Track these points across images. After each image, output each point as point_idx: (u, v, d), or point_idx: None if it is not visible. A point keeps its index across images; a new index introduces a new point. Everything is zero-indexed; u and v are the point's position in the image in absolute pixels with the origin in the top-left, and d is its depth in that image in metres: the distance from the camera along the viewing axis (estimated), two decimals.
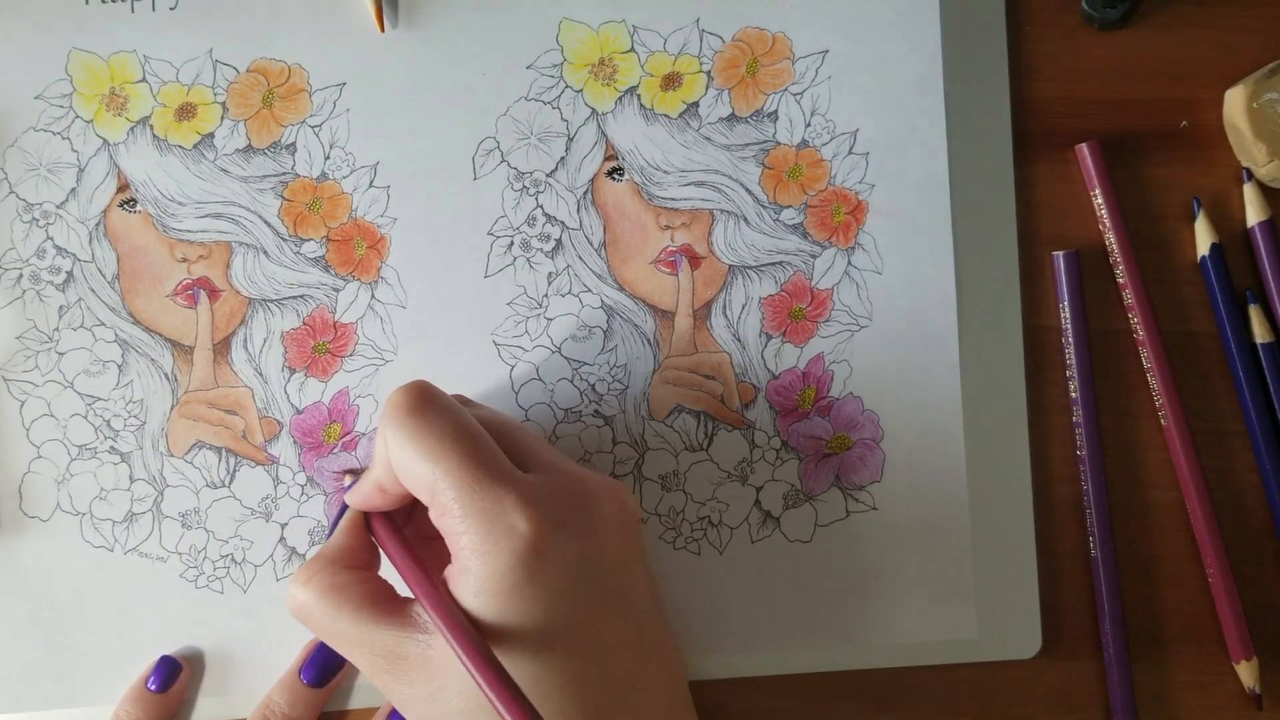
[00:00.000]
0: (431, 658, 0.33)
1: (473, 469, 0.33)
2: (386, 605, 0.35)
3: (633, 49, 0.43)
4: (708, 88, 0.43)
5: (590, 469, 0.38)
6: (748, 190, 0.43)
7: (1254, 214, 0.42)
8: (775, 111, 0.43)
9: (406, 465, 0.34)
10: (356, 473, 0.41)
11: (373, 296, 0.42)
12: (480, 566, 0.32)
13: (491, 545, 0.32)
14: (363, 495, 0.37)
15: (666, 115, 0.43)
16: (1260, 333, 0.42)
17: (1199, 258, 0.43)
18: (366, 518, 0.37)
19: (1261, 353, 0.42)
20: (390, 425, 0.34)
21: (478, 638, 0.32)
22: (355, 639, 0.34)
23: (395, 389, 0.35)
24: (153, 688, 0.40)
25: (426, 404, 0.34)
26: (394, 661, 0.34)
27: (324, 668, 0.40)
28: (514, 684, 0.31)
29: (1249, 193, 0.42)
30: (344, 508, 0.38)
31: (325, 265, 0.42)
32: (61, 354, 0.42)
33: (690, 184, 0.42)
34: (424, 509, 0.37)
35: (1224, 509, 0.42)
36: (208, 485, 0.42)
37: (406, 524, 0.38)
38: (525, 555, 0.32)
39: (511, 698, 0.30)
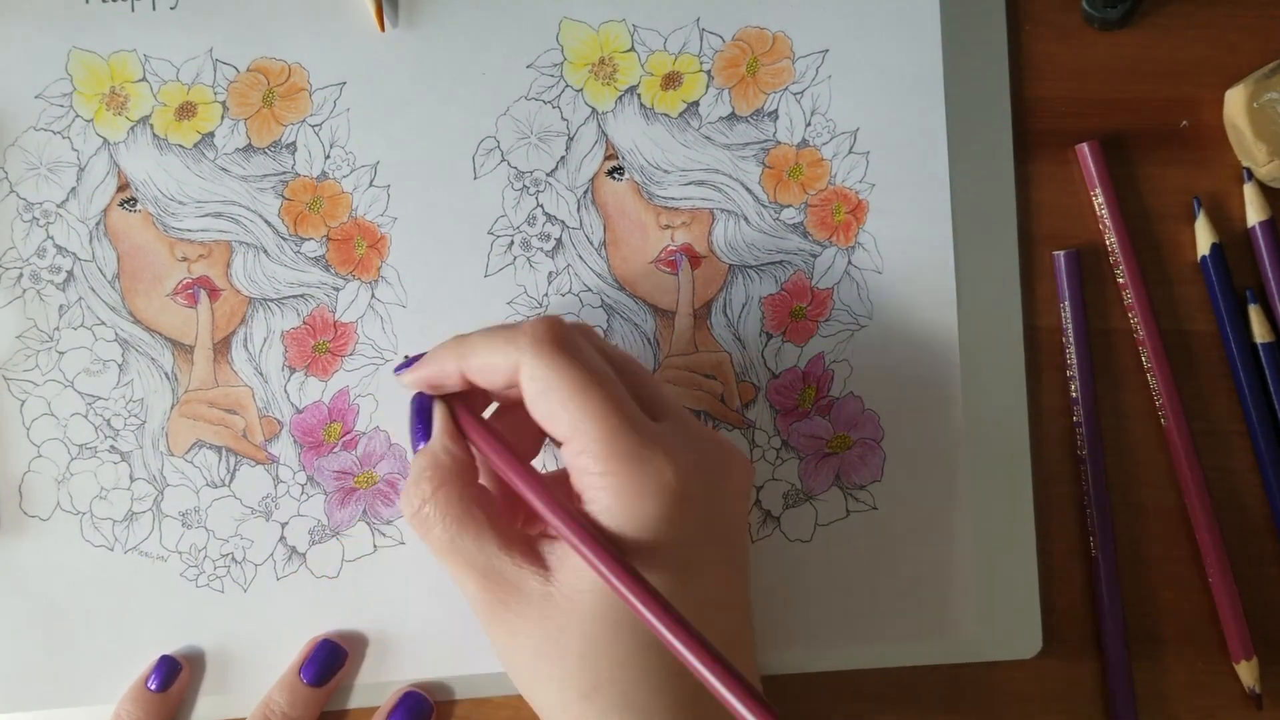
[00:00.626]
0: (553, 596, 0.33)
1: (618, 413, 0.33)
2: (511, 533, 0.34)
3: (633, 48, 0.43)
4: (708, 87, 0.43)
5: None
6: (748, 189, 0.43)
7: (1254, 214, 0.42)
8: (775, 111, 0.43)
9: (549, 400, 0.33)
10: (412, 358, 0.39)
11: (373, 296, 0.42)
12: (623, 510, 0.32)
13: (637, 490, 0.32)
14: (438, 374, 0.35)
15: (667, 114, 0.43)
16: (1260, 332, 0.42)
17: (1199, 258, 0.43)
18: (457, 425, 0.35)
19: (1262, 352, 0.42)
20: (532, 356, 0.33)
21: (628, 563, 0.31)
22: (474, 559, 0.33)
23: (533, 320, 0.34)
24: (153, 687, 0.40)
25: (569, 342, 0.34)
26: (511, 592, 0.33)
27: (324, 667, 0.40)
28: (665, 600, 0.31)
29: (1249, 192, 0.42)
30: (426, 406, 0.36)
31: (325, 264, 0.42)
32: (62, 353, 0.42)
33: (690, 183, 0.42)
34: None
35: (1224, 509, 0.42)
36: (208, 484, 0.42)
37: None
38: (670, 504, 0.32)
39: (666, 613, 0.30)
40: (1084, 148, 0.43)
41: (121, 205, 0.42)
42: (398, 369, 0.37)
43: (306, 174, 0.42)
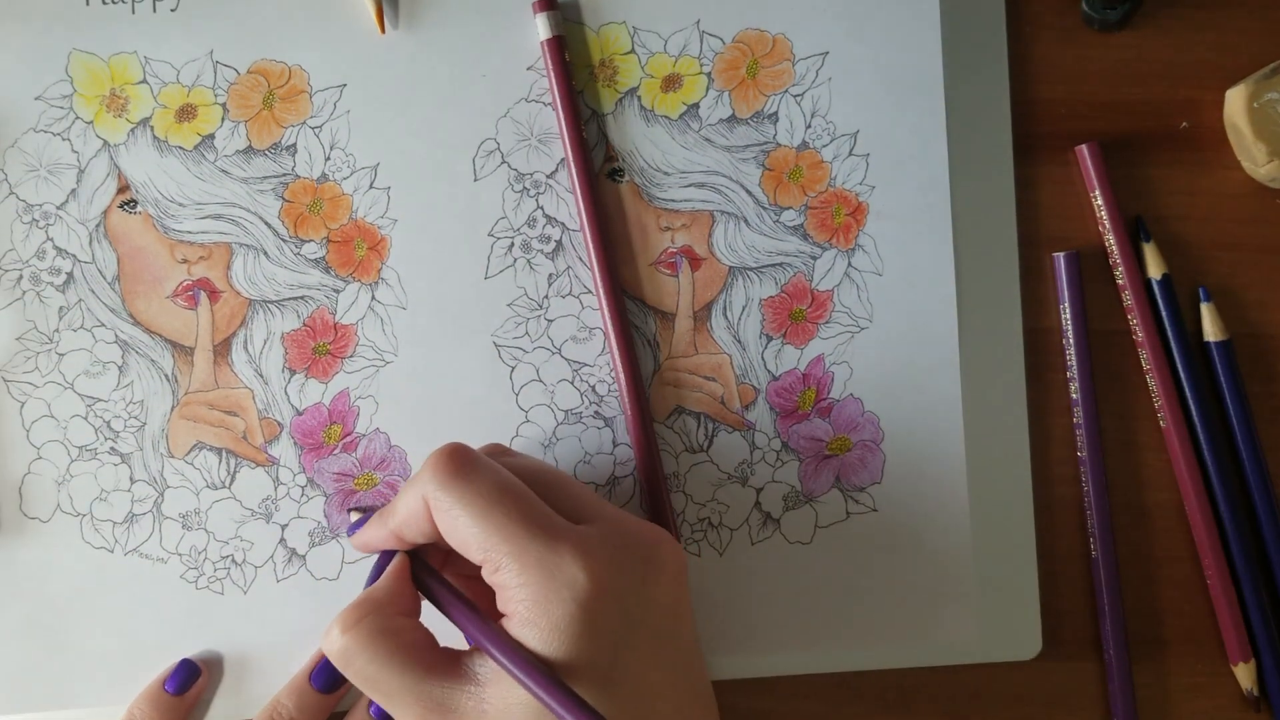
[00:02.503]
0: (486, 711, 0.33)
1: (524, 523, 0.33)
2: (435, 656, 0.34)
3: (633, 50, 0.43)
4: (708, 89, 0.43)
5: (636, 516, 0.38)
6: (748, 192, 0.43)
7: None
8: (776, 113, 0.43)
9: (456, 526, 0.34)
10: (364, 511, 0.41)
11: (373, 298, 0.42)
12: (541, 618, 0.32)
13: (552, 595, 0.32)
14: (376, 538, 0.37)
15: (667, 117, 0.43)
16: (1211, 331, 0.42)
17: (1147, 278, 0.43)
18: (412, 565, 0.36)
19: (1215, 351, 0.42)
20: (435, 488, 0.34)
21: (554, 675, 0.32)
22: (401, 689, 0.34)
23: (433, 452, 0.35)
24: (170, 689, 0.40)
25: (469, 465, 0.34)
26: (444, 713, 0.33)
27: (335, 674, 0.40)
28: (583, 703, 0.31)
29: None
30: (384, 560, 0.37)
31: (325, 266, 0.42)
32: (62, 355, 0.42)
33: (690, 185, 0.43)
34: (454, 561, 0.37)
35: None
36: (208, 486, 0.42)
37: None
38: (586, 604, 0.33)
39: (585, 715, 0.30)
40: (1084, 149, 0.43)
41: (121, 207, 0.42)
42: (349, 530, 0.40)
43: (307, 176, 0.42)
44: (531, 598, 0.33)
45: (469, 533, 0.33)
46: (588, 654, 0.32)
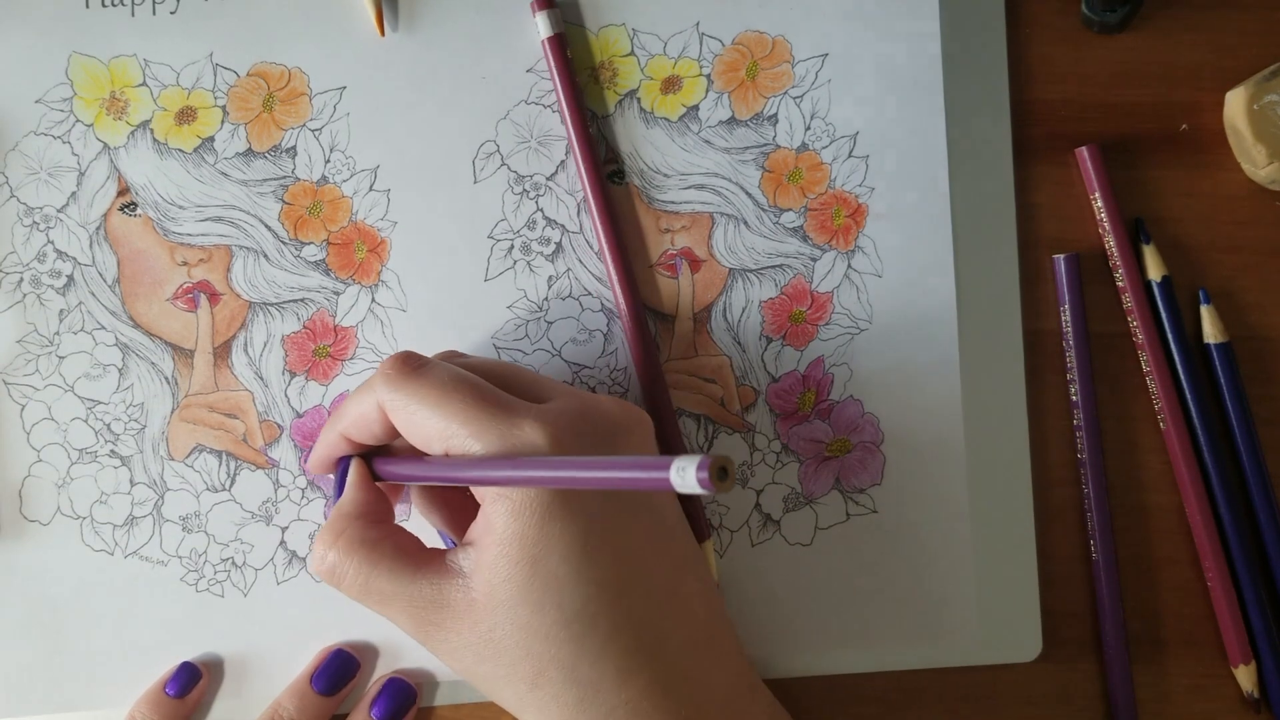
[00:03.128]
0: (475, 600, 0.33)
1: (481, 405, 0.33)
2: (420, 556, 0.35)
3: (633, 52, 0.43)
4: (708, 91, 0.43)
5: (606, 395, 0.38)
6: (748, 193, 0.43)
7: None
8: (775, 115, 0.43)
9: (415, 422, 0.34)
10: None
11: (373, 300, 0.42)
12: (514, 491, 0.32)
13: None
14: (325, 445, 0.37)
15: (666, 119, 0.43)
16: (1211, 333, 0.42)
17: (1147, 280, 0.43)
18: (370, 467, 0.37)
19: (1215, 353, 0.42)
20: (388, 390, 0.34)
21: (552, 457, 0.32)
22: (394, 593, 0.34)
23: (385, 359, 0.35)
24: (171, 692, 0.40)
25: (419, 363, 0.35)
26: (438, 610, 0.34)
27: (337, 677, 0.40)
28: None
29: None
30: (344, 466, 0.37)
31: (326, 269, 0.42)
32: (62, 358, 0.42)
33: (690, 187, 0.43)
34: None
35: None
36: (208, 489, 0.42)
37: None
38: None
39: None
40: (1083, 151, 0.43)
41: (122, 210, 0.42)
42: (301, 461, 0.41)
43: (306, 178, 0.42)
44: None
45: (428, 424, 0.34)
46: (561, 522, 0.33)
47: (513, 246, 0.42)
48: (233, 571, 0.41)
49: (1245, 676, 0.42)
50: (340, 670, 0.40)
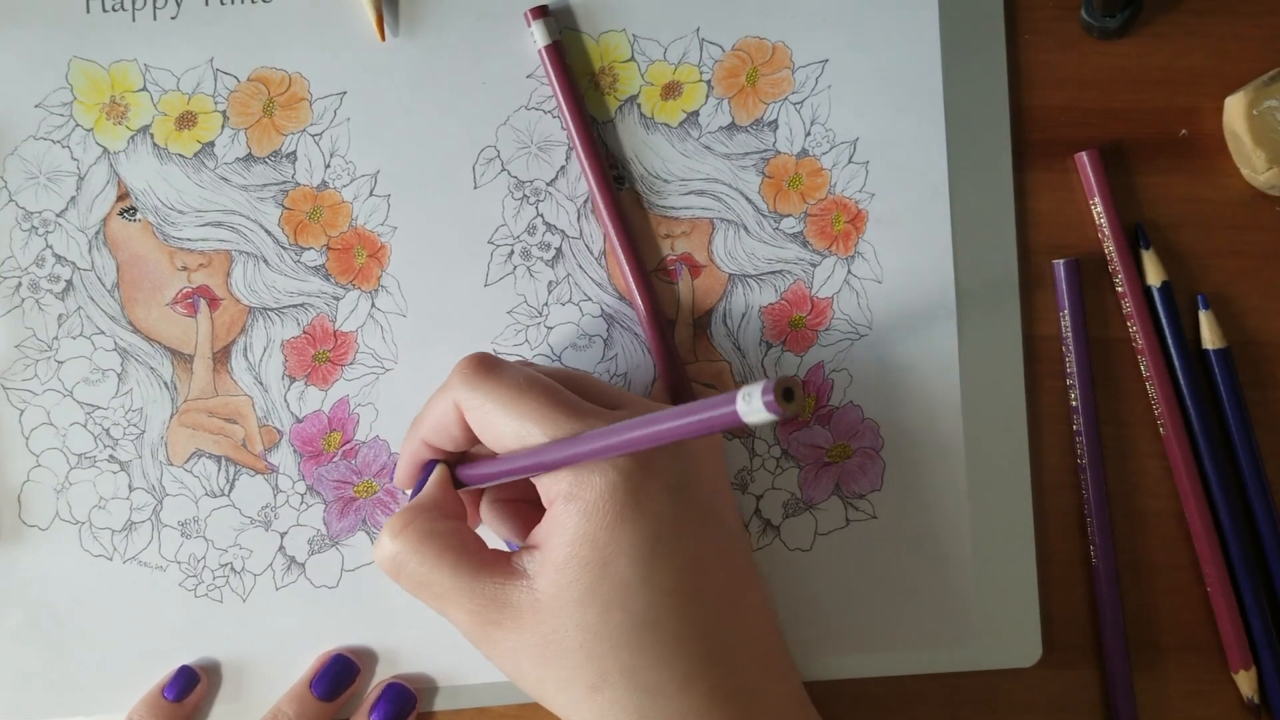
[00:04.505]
0: (540, 600, 0.33)
1: (556, 407, 0.33)
2: (485, 555, 0.34)
3: (633, 58, 0.43)
4: (708, 97, 0.43)
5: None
6: (748, 199, 0.43)
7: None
8: (775, 120, 0.43)
9: (490, 421, 0.34)
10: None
11: (373, 305, 0.42)
12: (585, 491, 0.32)
13: (594, 468, 0.33)
14: (408, 451, 0.37)
15: (667, 124, 0.43)
16: (1210, 339, 0.42)
17: (1147, 286, 0.43)
18: (453, 473, 0.37)
19: (1214, 359, 0.42)
20: (464, 390, 0.34)
21: (620, 423, 0.31)
22: (454, 589, 0.34)
23: (461, 359, 0.35)
24: (169, 696, 0.40)
25: (494, 364, 0.35)
26: (499, 609, 0.33)
27: (336, 681, 0.40)
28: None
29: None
30: (427, 470, 0.37)
31: (325, 274, 0.42)
32: (61, 362, 0.42)
33: (690, 193, 0.43)
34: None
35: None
36: (207, 494, 0.42)
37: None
38: (628, 475, 0.33)
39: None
40: (1083, 157, 0.43)
41: (121, 214, 0.42)
42: (390, 475, 0.41)
43: (306, 183, 0.42)
44: (573, 473, 0.33)
45: (503, 425, 0.34)
46: (630, 525, 0.32)
47: (513, 252, 0.42)
48: (231, 577, 0.41)
49: (1245, 682, 0.42)
50: (340, 675, 0.40)
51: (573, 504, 0.33)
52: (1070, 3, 0.43)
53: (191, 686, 0.40)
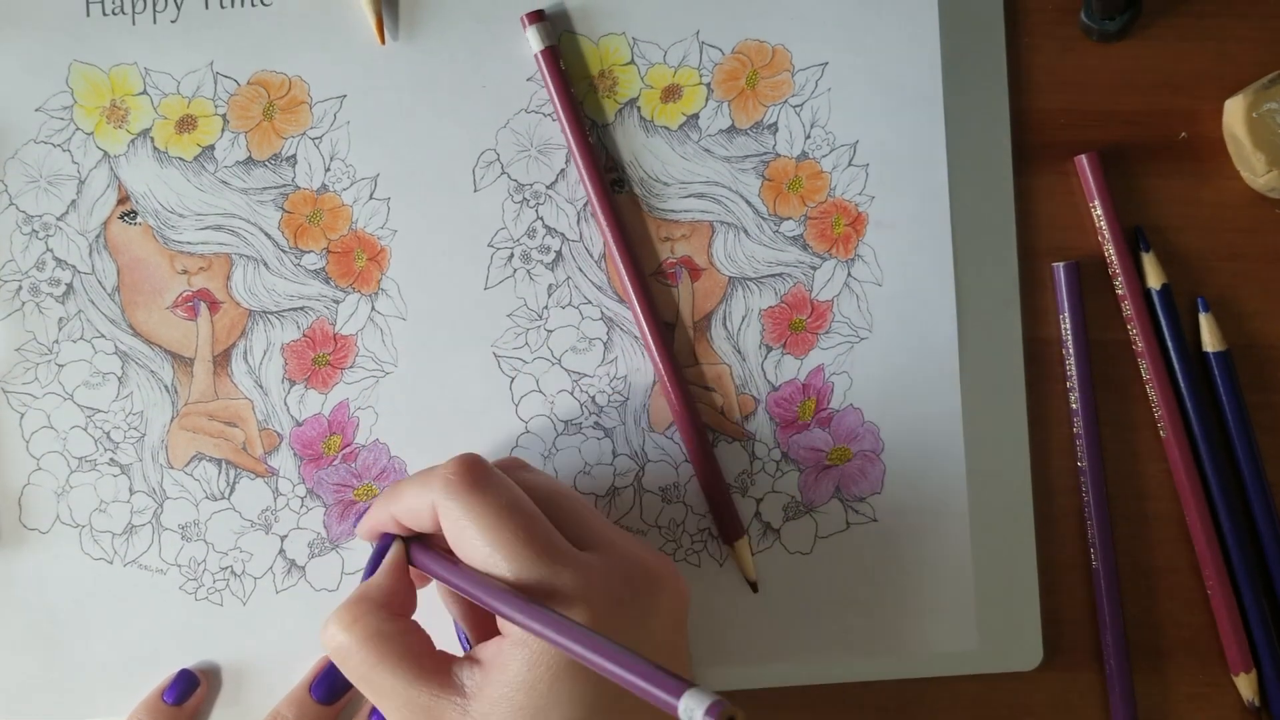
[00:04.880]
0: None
1: (529, 545, 0.33)
2: (427, 662, 0.34)
3: (633, 61, 0.43)
4: (708, 100, 0.43)
5: (644, 542, 0.38)
6: (748, 202, 0.43)
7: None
8: (775, 123, 0.43)
9: (463, 538, 0.34)
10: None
11: (373, 308, 0.42)
12: (534, 641, 0.32)
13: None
14: (376, 520, 0.37)
15: (666, 127, 0.43)
16: (1210, 342, 0.42)
17: (1147, 288, 0.43)
18: (409, 549, 0.37)
19: (1214, 362, 0.42)
20: (445, 498, 0.34)
21: (576, 624, 0.31)
22: (392, 691, 0.34)
23: (449, 460, 0.35)
24: (169, 700, 0.40)
25: (482, 478, 0.34)
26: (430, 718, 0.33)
27: (335, 685, 0.40)
28: (599, 638, 0.31)
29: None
30: (384, 543, 0.37)
31: (325, 277, 0.42)
32: (61, 366, 0.42)
33: (690, 196, 0.43)
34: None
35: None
36: (207, 497, 0.42)
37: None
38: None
39: (647, 667, 0.30)
40: (1083, 159, 0.43)
41: (122, 218, 0.42)
42: (354, 521, 0.41)
43: (307, 187, 0.42)
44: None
45: (474, 546, 0.34)
46: (571, 686, 0.32)
47: (513, 255, 0.42)
48: (232, 580, 0.41)
49: (1246, 685, 0.41)
50: (339, 678, 0.40)
51: (521, 649, 0.33)
52: (1070, 6, 0.43)
53: (191, 690, 0.40)
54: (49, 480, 0.42)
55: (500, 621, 0.34)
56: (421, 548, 0.36)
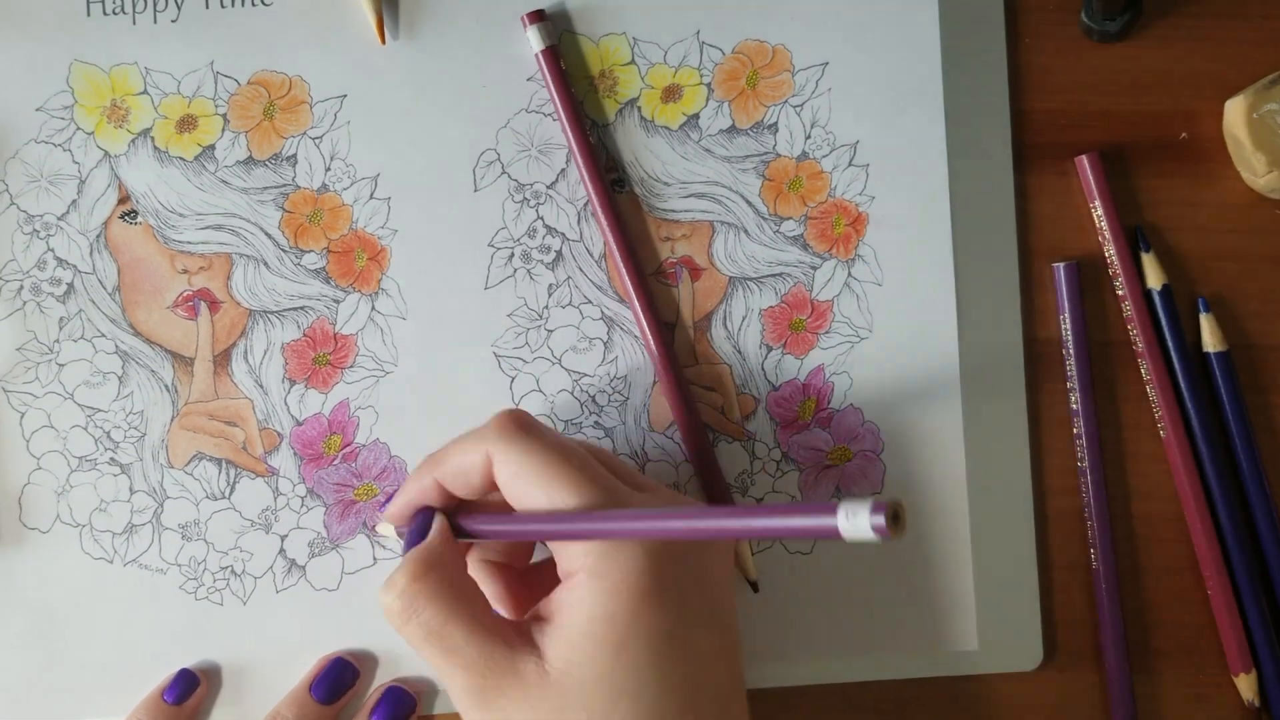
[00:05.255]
0: (549, 675, 0.32)
1: (590, 481, 0.33)
2: (495, 619, 0.34)
3: (633, 61, 0.43)
4: (708, 100, 0.43)
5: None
6: (748, 202, 0.43)
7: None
8: (775, 123, 0.43)
9: (521, 482, 0.34)
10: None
11: (373, 308, 0.42)
12: (611, 569, 0.32)
13: (622, 547, 0.32)
14: (415, 489, 0.36)
15: (667, 127, 0.43)
16: (1211, 342, 0.42)
17: (1147, 289, 0.43)
18: (453, 522, 0.36)
19: (1214, 362, 0.42)
20: (502, 444, 0.34)
21: (690, 506, 0.31)
22: (465, 644, 0.33)
23: (499, 412, 0.35)
24: (169, 700, 0.40)
25: (533, 425, 0.35)
26: (504, 676, 0.32)
27: (336, 685, 0.40)
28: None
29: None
30: (422, 519, 0.35)
31: (326, 277, 0.42)
32: (62, 365, 0.42)
33: (691, 196, 0.43)
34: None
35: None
36: (207, 497, 0.42)
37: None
38: (655, 558, 0.32)
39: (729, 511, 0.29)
40: (1083, 160, 0.43)
41: (122, 218, 0.42)
42: (380, 507, 0.40)
43: (307, 186, 0.42)
44: (600, 549, 0.32)
45: (534, 488, 0.33)
46: (650, 611, 0.32)
47: (513, 254, 0.42)
48: (232, 580, 0.41)
49: (1246, 685, 0.41)
50: (339, 678, 0.40)
51: (596, 581, 0.32)
52: (1070, 6, 0.43)
53: (191, 690, 0.40)
54: (49, 480, 0.42)
55: (562, 566, 0.34)
56: (466, 514, 0.36)
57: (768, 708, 0.42)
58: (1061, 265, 0.43)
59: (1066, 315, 0.42)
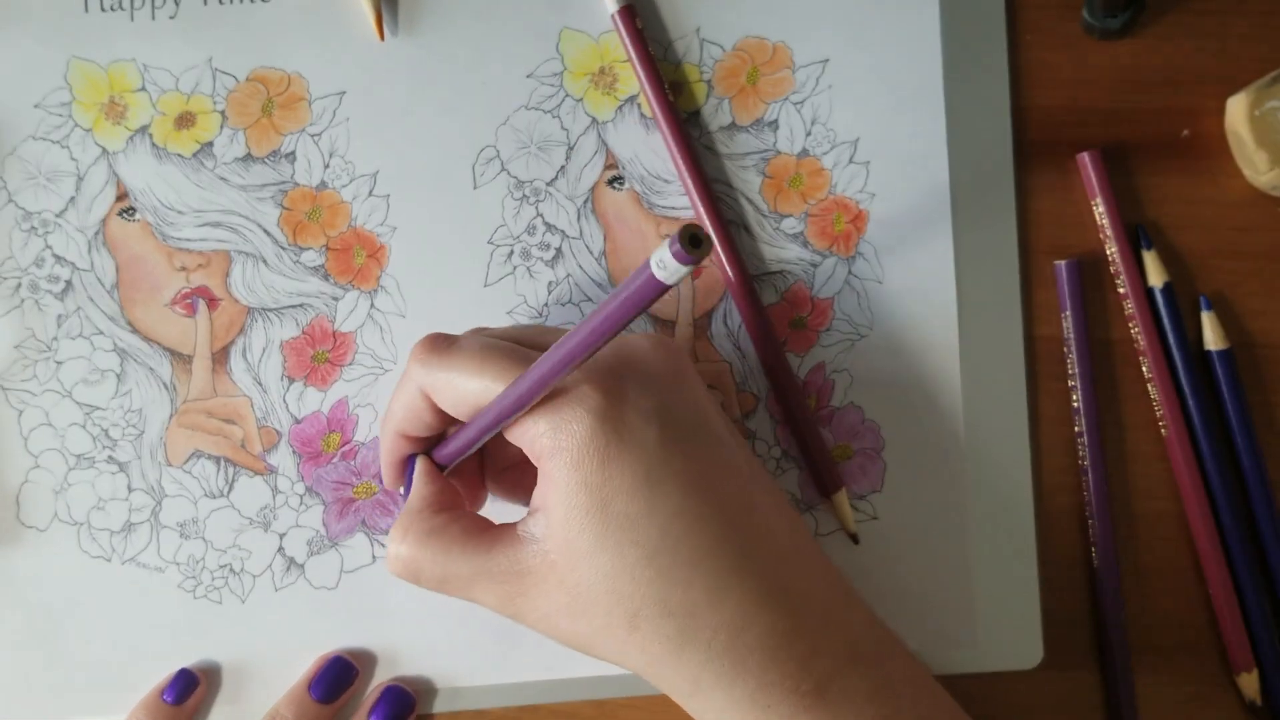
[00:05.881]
0: (554, 560, 0.33)
1: (516, 363, 0.33)
2: (490, 532, 0.35)
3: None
4: (708, 97, 0.43)
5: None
6: (748, 199, 0.42)
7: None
8: (776, 120, 0.43)
9: (458, 391, 0.34)
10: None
11: (372, 305, 0.42)
12: (567, 440, 0.32)
13: (568, 414, 0.32)
14: (386, 449, 0.37)
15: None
16: (1212, 340, 0.42)
17: (1149, 287, 0.42)
18: (433, 461, 0.37)
19: (1216, 360, 0.42)
20: (424, 371, 0.35)
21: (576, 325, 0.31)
22: (473, 574, 0.34)
23: (414, 345, 0.35)
24: (168, 699, 0.40)
25: (448, 339, 0.35)
26: (519, 579, 0.34)
27: (335, 684, 0.40)
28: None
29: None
30: (411, 467, 0.37)
31: (324, 274, 0.42)
32: (60, 363, 0.42)
33: (685, 194, 0.42)
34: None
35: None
36: (206, 495, 0.41)
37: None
38: (604, 414, 0.32)
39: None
40: (1084, 157, 0.43)
41: (120, 215, 0.42)
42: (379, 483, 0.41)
43: (306, 183, 0.42)
44: (550, 426, 0.33)
45: (472, 391, 0.34)
46: (625, 461, 0.32)
47: (512, 252, 0.42)
48: (230, 578, 0.41)
49: (1247, 684, 0.41)
50: (338, 677, 0.40)
51: (558, 456, 0.33)
52: (1072, 3, 0.43)
53: (190, 689, 0.40)
54: (47, 478, 0.41)
55: (533, 457, 0.34)
56: (436, 449, 0.37)
57: None
58: (1063, 263, 0.42)
59: (1068, 313, 0.42)
